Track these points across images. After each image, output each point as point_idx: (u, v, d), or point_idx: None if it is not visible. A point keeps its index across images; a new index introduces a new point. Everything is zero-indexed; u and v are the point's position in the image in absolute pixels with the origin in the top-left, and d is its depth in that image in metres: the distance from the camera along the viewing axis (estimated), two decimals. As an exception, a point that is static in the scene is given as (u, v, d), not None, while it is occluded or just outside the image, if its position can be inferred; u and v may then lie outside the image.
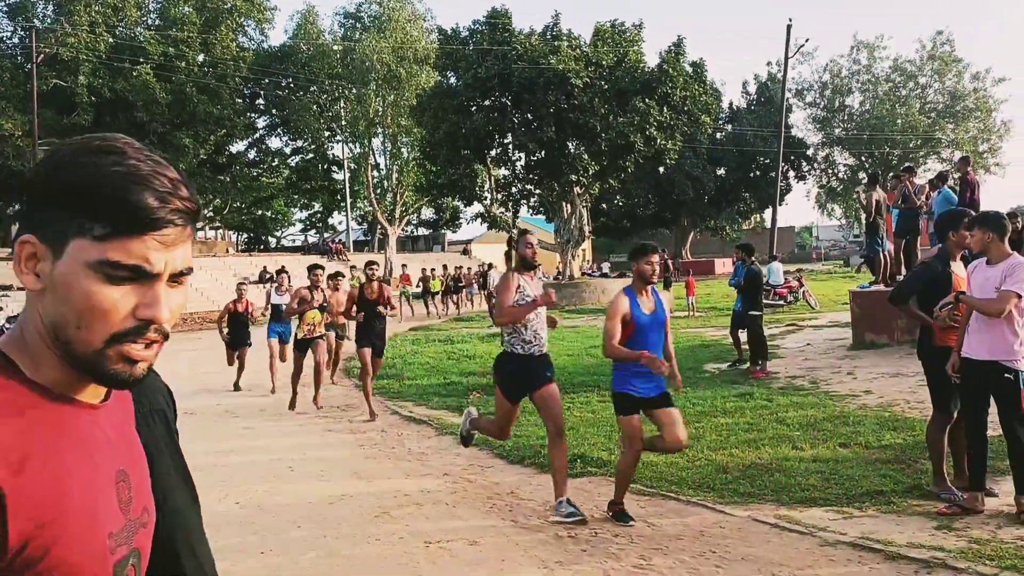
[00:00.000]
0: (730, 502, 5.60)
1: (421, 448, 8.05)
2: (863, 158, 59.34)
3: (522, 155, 32.82)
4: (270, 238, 66.19)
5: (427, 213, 61.18)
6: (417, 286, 29.11)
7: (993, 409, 5.02)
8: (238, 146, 46.24)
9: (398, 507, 6.00)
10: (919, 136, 56.21)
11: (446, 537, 5.24)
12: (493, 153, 32.54)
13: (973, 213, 5.58)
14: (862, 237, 48.87)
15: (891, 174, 19.28)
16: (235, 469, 7.27)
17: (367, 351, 9.69)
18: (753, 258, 11.90)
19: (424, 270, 29.38)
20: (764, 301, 12.54)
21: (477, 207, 38.81)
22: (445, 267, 31.47)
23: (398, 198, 46.70)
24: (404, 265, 31.27)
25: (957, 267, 5.40)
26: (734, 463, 6.47)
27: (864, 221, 14.45)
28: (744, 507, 5.48)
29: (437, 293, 28.29)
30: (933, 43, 57.92)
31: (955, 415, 5.30)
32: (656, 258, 5.34)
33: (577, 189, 31.96)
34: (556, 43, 29.44)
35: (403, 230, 54.65)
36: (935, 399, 5.42)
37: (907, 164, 17.24)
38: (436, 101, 31.13)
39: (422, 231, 69.56)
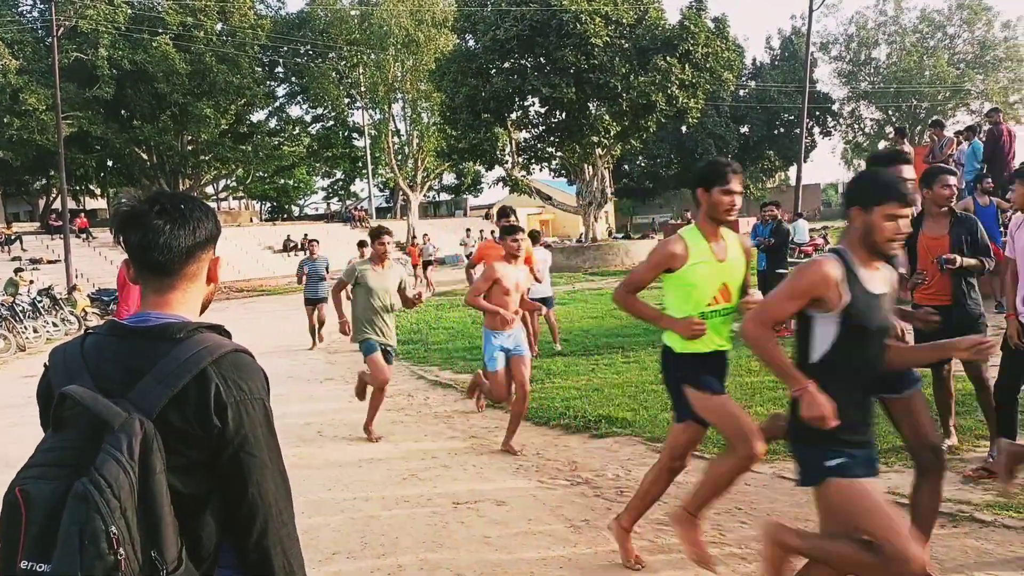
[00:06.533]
0: (755, 460, 5.60)
1: (447, 411, 8.14)
2: (890, 112, 58.23)
3: (542, 118, 32.49)
4: (293, 207, 66.46)
5: (448, 178, 61.05)
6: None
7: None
8: (259, 115, 46.17)
9: (426, 469, 6.09)
10: (947, 88, 55.00)
11: (474, 498, 5.33)
12: (513, 116, 32.25)
13: (952, 169, 5.33)
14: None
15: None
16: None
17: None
18: (778, 212, 11.85)
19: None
20: (789, 259, 12.40)
21: (498, 171, 38.58)
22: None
23: (419, 164, 46.53)
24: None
25: (927, 226, 5.04)
26: (760, 421, 6.45)
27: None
28: (770, 464, 5.50)
29: None
30: (963, -9, 56.50)
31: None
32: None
33: (599, 151, 31.65)
34: None
35: (425, 196, 54.56)
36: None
37: (935, 118, 16.91)
38: (455, 65, 30.81)
39: (444, 196, 69.48)
